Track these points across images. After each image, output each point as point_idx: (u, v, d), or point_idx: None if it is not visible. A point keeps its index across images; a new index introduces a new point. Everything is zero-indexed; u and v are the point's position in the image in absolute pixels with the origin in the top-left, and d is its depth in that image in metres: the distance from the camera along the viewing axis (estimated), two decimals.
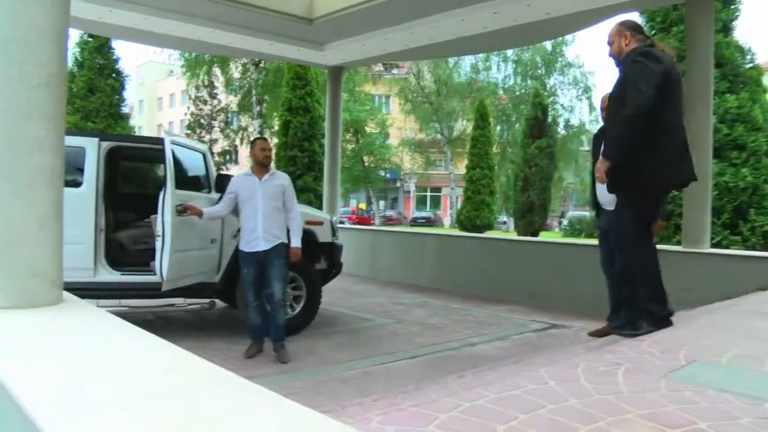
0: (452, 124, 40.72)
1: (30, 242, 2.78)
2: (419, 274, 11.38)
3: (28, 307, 2.75)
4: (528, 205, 23.71)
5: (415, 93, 40.28)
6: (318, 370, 5.58)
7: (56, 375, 1.85)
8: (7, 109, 2.75)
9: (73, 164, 6.28)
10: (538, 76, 37.78)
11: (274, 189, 5.93)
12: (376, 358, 6.02)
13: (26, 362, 1.98)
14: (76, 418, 1.47)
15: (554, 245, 10.61)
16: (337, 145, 13.24)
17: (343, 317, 8.15)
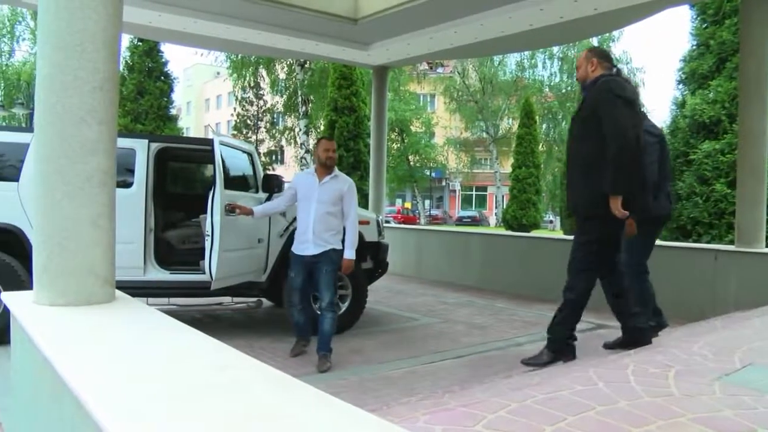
0: (498, 122, 40.43)
1: (84, 242, 2.87)
2: (465, 273, 11.32)
3: (83, 305, 2.84)
4: None
5: (460, 91, 40.10)
6: (363, 369, 5.60)
7: (114, 371, 1.90)
8: (63, 113, 2.84)
9: (124, 165, 6.43)
10: None
11: (331, 193, 5.64)
12: (421, 358, 6.01)
13: (85, 358, 2.05)
14: (135, 414, 1.51)
15: None
16: (383, 144, 13.25)
17: (389, 316, 8.16)
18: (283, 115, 33.38)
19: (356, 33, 10.31)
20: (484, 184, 49.72)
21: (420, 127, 41.14)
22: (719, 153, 11.59)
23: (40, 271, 2.92)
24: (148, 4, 8.85)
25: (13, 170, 6.31)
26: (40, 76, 2.92)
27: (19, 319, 2.72)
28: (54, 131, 2.85)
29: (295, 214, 6.51)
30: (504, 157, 40.16)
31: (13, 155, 6.35)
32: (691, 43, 12.89)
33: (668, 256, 8.45)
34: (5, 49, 32.70)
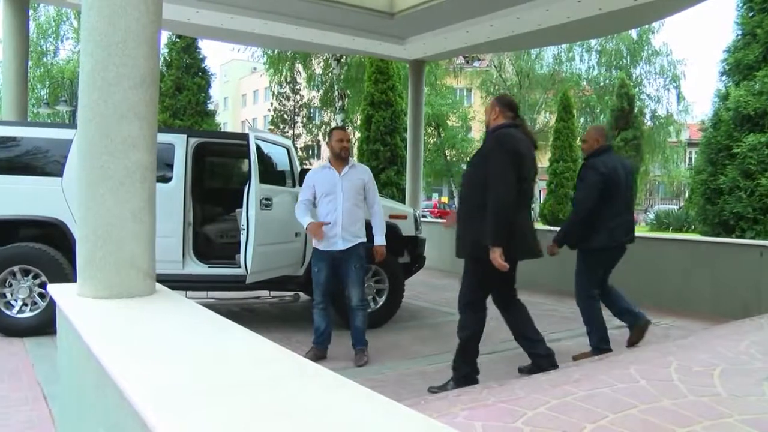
0: (535, 116, 40.00)
1: (126, 235, 2.91)
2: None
3: (125, 297, 2.89)
4: None
5: (496, 85, 39.78)
6: (400, 363, 5.60)
7: (155, 363, 1.92)
8: (105, 110, 2.88)
9: (163, 160, 6.52)
10: (623, 66, 36.53)
11: (355, 184, 5.54)
12: None
13: (127, 350, 2.08)
14: (175, 406, 1.53)
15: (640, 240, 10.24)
16: (420, 138, 13.22)
17: (426, 311, 8.15)
18: (320, 109, 33.58)
19: (392, 27, 10.29)
20: None
21: (456, 121, 40.92)
22: (765, 146, 11.28)
23: (83, 264, 2.97)
24: (186, 1, 8.96)
25: (57, 166, 6.48)
26: (83, 73, 2.96)
27: (64, 311, 2.78)
28: (96, 127, 2.90)
29: None
30: (541, 151, 39.71)
31: (58, 151, 6.51)
32: (736, 32, 12.53)
33: (711, 252, 8.28)
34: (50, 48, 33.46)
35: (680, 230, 26.75)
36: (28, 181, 6.43)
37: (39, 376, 4.92)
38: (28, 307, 6.36)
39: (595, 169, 5.29)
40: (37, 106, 29.89)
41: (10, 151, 6.53)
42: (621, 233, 5.45)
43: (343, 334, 6.14)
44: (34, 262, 6.30)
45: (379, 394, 1.59)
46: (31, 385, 4.73)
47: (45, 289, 6.26)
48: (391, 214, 7.30)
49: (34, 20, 30.12)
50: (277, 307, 8.24)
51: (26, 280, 6.36)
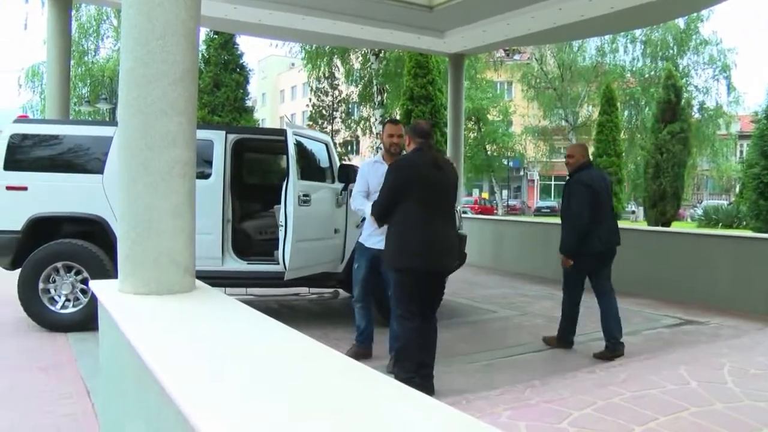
0: (577, 109, 39.50)
1: (165, 232, 2.94)
2: (544, 265, 11.11)
3: (165, 293, 2.92)
4: (659, 193, 22.60)
5: (537, 78, 39.35)
6: (441, 361, 5.56)
7: (195, 359, 1.94)
8: (145, 106, 2.92)
9: (202, 157, 6.58)
10: (670, 57, 35.69)
11: None
12: (500, 351, 5.94)
13: (168, 346, 2.10)
14: (216, 402, 1.53)
15: (688, 236, 10.05)
16: (460, 133, 13.14)
17: (467, 308, 8.10)
18: (359, 105, 33.60)
19: (432, 20, 10.24)
20: (564, 173, 48.61)
21: (497, 115, 40.62)
22: None
23: (123, 260, 3.01)
24: None
25: (97, 163, 6.60)
26: (123, 70, 3.00)
27: (106, 307, 2.82)
28: (136, 124, 2.93)
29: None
30: None
31: (98, 148, 6.63)
32: None
33: (764, 249, 8.07)
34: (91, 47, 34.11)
35: (730, 226, 26.16)
36: (71, 179, 6.56)
37: (82, 371, 5.03)
38: (71, 302, 6.50)
39: (583, 183, 5.97)
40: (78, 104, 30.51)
41: (53, 149, 6.69)
42: (610, 237, 6.16)
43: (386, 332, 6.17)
44: (77, 258, 6.44)
45: (418, 392, 1.58)
46: (75, 379, 4.84)
47: (87, 285, 6.40)
48: None
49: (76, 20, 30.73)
50: (316, 304, 8.28)
51: (69, 276, 6.49)
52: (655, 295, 8.90)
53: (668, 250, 9.16)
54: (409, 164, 4.69)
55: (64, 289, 6.47)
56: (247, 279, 6.83)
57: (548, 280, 10.49)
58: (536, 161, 46.25)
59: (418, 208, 4.53)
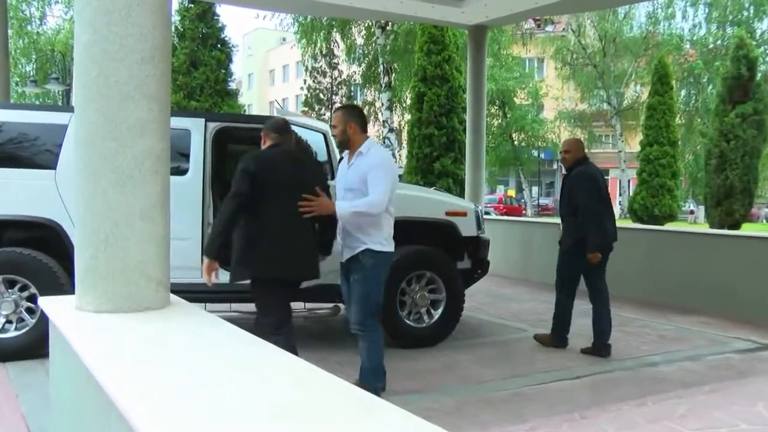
0: (622, 90, 39.39)
1: (134, 238, 2.94)
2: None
3: (133, 311, 2.92)
4: (725, 189, 22.36)
5: (575, 54, 39.29)
6: (460, 389, 5.57)
7: (170, 390, 1.93)
8: (107, 89, 2.91)
9: (177, 149, 6.56)
10: (743, 21, 34.74)
11: (354, 176, 5.10)
12: (530, 377, 5.93)
13: (136, 375, 2.09)
14: None
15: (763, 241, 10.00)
16: (482, 120, 13.13)
17: (490, 326, 8.09)
18: (362, 87, 33.64)
19: None
20: (605, 166, 48.41)
21: (526, 98, 40.59)
22: None
23: (83, 273, 3.01)
24: None
25: (49, 156, 6.50)
26: (79, 46, 2.99)
27: (60, 328, 2.82)
28: (97, 110, 2.93)
29: None
30: (630, 132, 39.09)
31: (49, 138, 6.53)
32: None
33: None
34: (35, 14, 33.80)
35: None
36: (14, 175, 6.42)
37: (23, 407, 4.93)
38: (12, 324, 6.31)
39: (588, 176, 6.72)
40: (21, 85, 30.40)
41: None
42: (611, 234, 6.90)
43: (398, 353, 6.15)
44: (21, 270, 6.29)
45: (432, 424, 1.57)
46: (14, 419, 4.74)
47: (35, 303, 6.22)
48: (447, 210, 7.27)
49: None
50: (312, 322, 8.28)
51: (11, 293, 6.33)
52: (720, 313, 8.84)
53: (737, 259, 9.09)
54: (259, 157, 4.96)
55: (5, 309, 6.27)
56: (231, 293, 6.82)
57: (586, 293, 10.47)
58: None
59: (267, 209, 4.80)
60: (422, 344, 6.85)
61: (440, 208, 7.30)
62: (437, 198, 7.67)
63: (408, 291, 6.98)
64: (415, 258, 6.98)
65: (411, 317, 6.99)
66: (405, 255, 6.78)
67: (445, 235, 7.34)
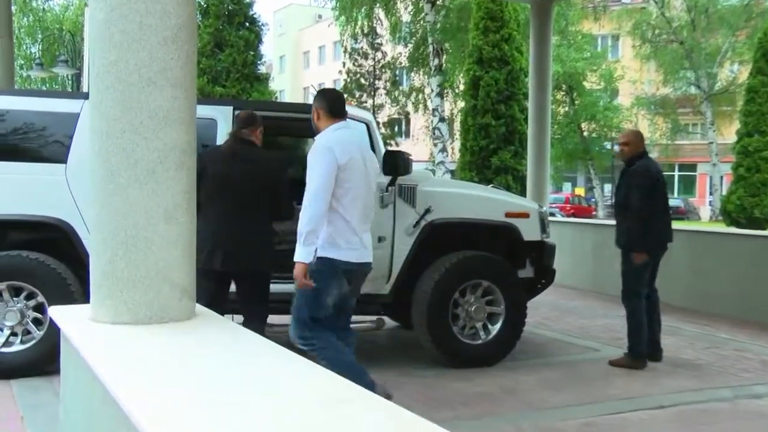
0: (715, 70, 38.68)
1: (157, 241, 2.98)
2: (665, 287, 10.92)
3: (155, 323, 2.95)
4: None
5: (657, 29, 38.71)
6: (522, 415, 5.55)
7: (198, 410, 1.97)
8: (126, 74, 2.94)
9: (202, 140, 6.60)
10: None
11: None
12: (604, 405, 5.88)
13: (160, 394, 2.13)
14: None
15: None
16: (546, 108, 13.07)
17: (556, 345, 8.05)
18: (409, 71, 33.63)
19: None
20: (692, 160, 47.98)
21: (597, 82, 40.18)
22: None
23: (99, 280, 3.05)
24: None
25: (58, 148, 6.55)
26: (94, 25, 3.04)
27: (73, 342, 2.85)
28: (115, 97, 2.98)
29: (427, 205, 6.76)
30: (724, 120, 38.47)
31: (59, 129, 6.58)
32: None
33: None
34: None
35: None
36: (19, 170, 6.46)
37: (30, 431, 4.99)
38: (18, 337, 6.32)
39: (645, 172, 7.03)
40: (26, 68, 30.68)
41: None
42: (667, 234, 7.26)
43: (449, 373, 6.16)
44: (28, 276, 6.30)
45: None
46: None
47: (44, 313, 6.26)
48: (507, 211, 7.23)
49: None
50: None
51: (17, 302, 6.34)
52: None
53: None
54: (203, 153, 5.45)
55: (9, 319, 6.28)
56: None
57: (671, 308, 10.34)
58: (652, 144, 45.55)
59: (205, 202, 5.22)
60: (478, 363, 6.82)
61: (499, 208, 7.26)
62: (495, 197, 7.63)
63: (462, 303, 6.95)
64: (470, 265, 6.96)
65: (465, 332, 6.96)
66: (458, 262, 6.80)
67: (504, 240, 7.32)
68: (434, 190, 7.07)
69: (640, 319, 7.06)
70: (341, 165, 4.85)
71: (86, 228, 5.90)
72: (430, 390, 5.87)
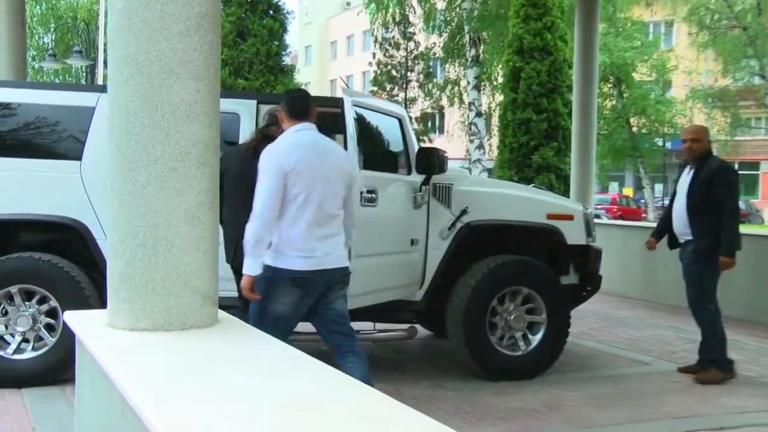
0: None
1: (177, 243, 3.01)
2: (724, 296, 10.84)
3: (176, 329, 2.98)
4: None
5: (717, 14, 38.26)
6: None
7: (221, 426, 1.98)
8: (146, 65, 2.98)
9: (224, 136, 6.63)
10: None
11: None
12: (656, 424, 5.85)
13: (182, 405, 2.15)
14: None
15: None
16: (592, 102, 13.01)
17: (602, 357, 8.01)
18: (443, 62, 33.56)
19: None
20: (755, 158, 47.49)
21: (648, 73, 39.83)
22: None
23: (116, 283, 3.09)
24: None
25: (73, 144, 6.60)
26: (112, 13, 3.08)
27: (90, 349, 2.88)
28: (133, 91, 3.01)
29: (464, 206, 6.78)
30: None
31: (74, 124, 6.62)
32: None
33: None
34: None
35: None
36: (31, 167, 6.50)
37: None
38: (30, 344, 6.36)
39: (730, 170, 7.37)
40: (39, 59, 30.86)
41: (4, 123, 6.64)
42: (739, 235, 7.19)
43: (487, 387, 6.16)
44: (40, 280, 6.33)
45: None
46: None
47: (57, 319, 6.31)
48: (549, 212, 7.21)
49: None
50: (384, 347, 8.32)
51: (28, 306, 6.38)
52: None
53: None
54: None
55: (21, 325, 6.31)
56: None
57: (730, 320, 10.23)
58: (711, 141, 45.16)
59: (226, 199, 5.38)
60: (518, 376, 6.81)
61: (540, 209, 7.25)
62: (536, 197, 7.62)
63: (500, 311, 6.95)
64: (509, 270, 6.94)
65: (504, 343, 6.95)
66: (496, 267, 6.79)
67: (546, 243, 7.31)
68: (471, 190, 7.08)
69: (720, 328, 7.16)
70: (287, 171, 4.75)
71: (102, 229, 5.98)
72: (466, 404, 5.87)
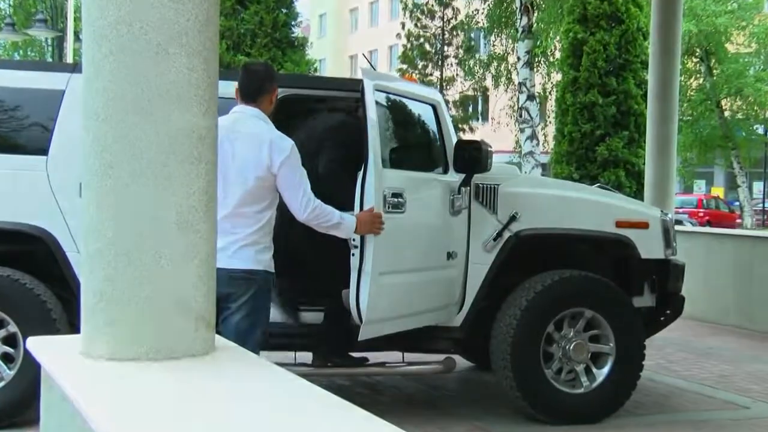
0: None
1: (166, 254, 3.03)
2: None
3: (165, 359, 3.01)
4: None
5: None
6: None
7: None
8: (129, 39, 3.00)
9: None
10: None
11: None
12: None
13: None
14: None
15: None
16: (673, 80, 12.97)
17: (685, 397, 7.99)
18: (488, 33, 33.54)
19: None
20: None
21: (746, 43, 39.52)
22: None
23: (92, 303, 3.10)
24: None
25: (37, 136, 6.68)
26: None
27: (60, 383, 2.90)
28: (114, 69, 3.03)
29: (512, 211, 6.76)
30: None
31: (37, 110, 6.69)
32: None
33: None
34: None
35: None
36: None
37: None
38: None
39: None
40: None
41: None
42: None
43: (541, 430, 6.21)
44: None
45: None
46: None
47: (17, 347, 6.36)
48: (618, 219, 7.19)
49: None
50: (416, 381, 8.33)
51: None
52: None
53: None
54: None
55: None
56: (295, 336, 6.92)
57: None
58: None
59: None
60: (578, 419, 6.82)
61: (607, 215, 7.25)
62: (602, 201, 7.61)
63: (557, 338, 6.96)
64: (569, 289, 6.96)
65: (562, 378, 6.96)
66: (553, 284, 6.78)
67: (615, 257, 7.31)
68: (521, 192, 7.09)
69: None
70: None
71: (72, 238, 6.03)
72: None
